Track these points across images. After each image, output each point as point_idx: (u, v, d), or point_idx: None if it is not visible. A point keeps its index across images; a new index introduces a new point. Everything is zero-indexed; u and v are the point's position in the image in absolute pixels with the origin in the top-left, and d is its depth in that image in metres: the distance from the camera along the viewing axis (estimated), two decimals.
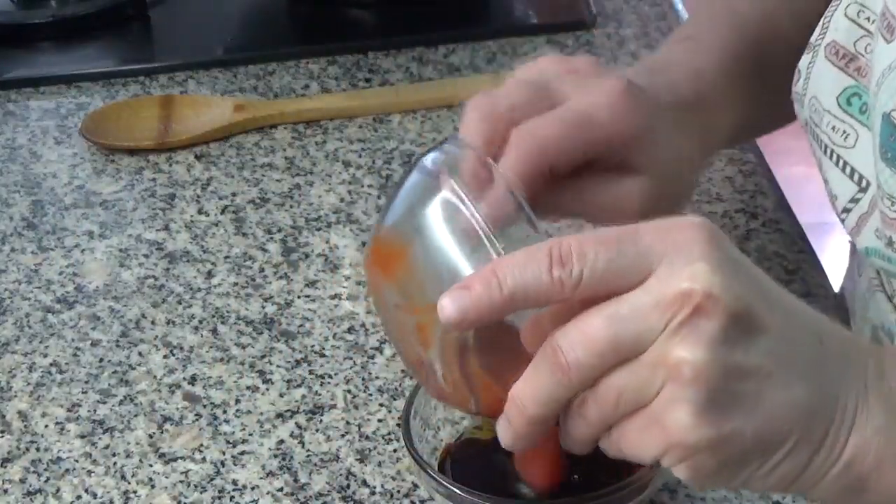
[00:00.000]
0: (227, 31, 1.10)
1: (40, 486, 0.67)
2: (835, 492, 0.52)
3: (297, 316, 0.77)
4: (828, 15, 0.67)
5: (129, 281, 0.81)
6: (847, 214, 0.66)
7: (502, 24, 1.10)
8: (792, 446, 0.50)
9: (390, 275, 0.56)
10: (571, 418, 0.51)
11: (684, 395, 0.48)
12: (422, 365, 0.56)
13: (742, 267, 0.50)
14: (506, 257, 0.50)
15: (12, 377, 0.74)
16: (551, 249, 0.49)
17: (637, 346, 0.48)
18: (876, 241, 0.64)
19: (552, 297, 0.49)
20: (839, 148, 0.65)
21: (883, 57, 0.61)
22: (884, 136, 0.60)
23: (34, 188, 0.91)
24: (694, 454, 0.49)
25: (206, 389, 0.72)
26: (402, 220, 0.56)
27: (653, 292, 0.48)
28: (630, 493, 0.58)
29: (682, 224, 0.50)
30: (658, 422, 0.49)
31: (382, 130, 0.95)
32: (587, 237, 0.49)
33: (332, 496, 0.65)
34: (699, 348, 0.47)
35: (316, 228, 0.85)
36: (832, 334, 0.52)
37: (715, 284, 0.47)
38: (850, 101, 0.65)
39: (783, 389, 0.49)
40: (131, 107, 0.99)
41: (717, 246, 0.49)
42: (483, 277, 0.49)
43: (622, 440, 0.51)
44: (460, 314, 0.50)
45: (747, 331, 0.48)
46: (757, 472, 0.50)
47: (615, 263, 0.48)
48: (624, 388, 0.49)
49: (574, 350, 0.49)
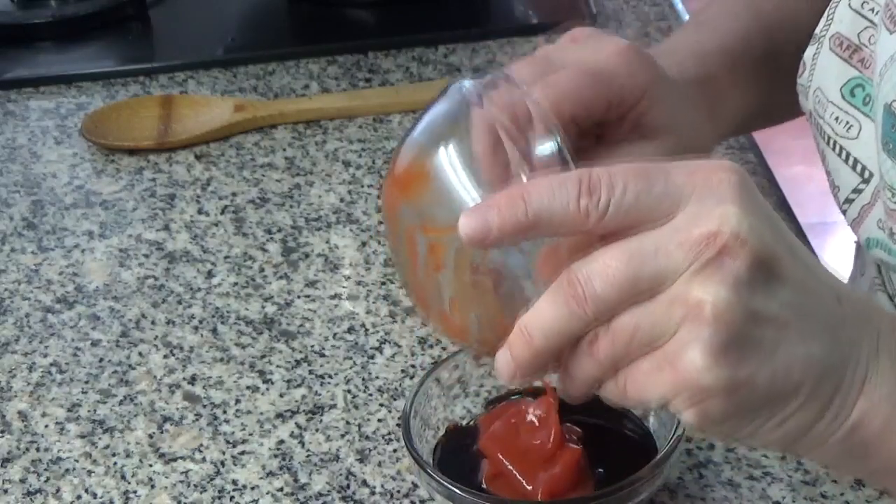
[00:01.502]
0: (227, 31, 1.10)
1: (40, 486, 0.67)
2: (838, 455, 0.52)
3: (297, 316, 0.77)
4: (832, 6, 0.67)
5: (129, 281, 0.81)
6: (849, 205, 0.66)
7: (502, 24, 1.10)
8: (802, 402, 0.49)
9: (409, 193, 0.55)
10: (579, 357, 0.50)
11: (702, 335, 0.47)
12: (428, 291, 0.55)
13: (771, 216, 0.49)
14: (535, 181, 0.49)
15: (12, 377, 0.74)
16: (581, 178, 0.48)
17: (658, 283, 0.48)
18: (878, 231, 0.64)
19: (576, 226, 0.48)
20: (842, 139, 0.65)
21: (886, 48, 0.61)
22: (886, 126, 0.60)
23: (34, 188, 0.91)
24: (705, 398, 0.48)
25: (206, 389, 0.72)
26: (429, 139, 0.56)
27: (680, 230, 0.47)
28: (630, 493, 0.58)
29: (713, 165, 0.49)
30: (671, 362, 0.48)
31: (382, 130, 0.95)
32: (618, 168, 0.48)
33: (332, 496, 0.65)
34: (723, 288, 0.47)
35: (316, 228, 0.85)
36: (849, 297, 0.51)
37: (744, 227, 0.47)
38: (853, 92, 0.65)
39: (799, 342, 0.49)
40: (131, 107, 0.99)
41: (748, 191, 0.48)
42: (510, 197, 0.49)
43: (629, 382, 0.49)
44: (482, 232, 0.49)
45: (771, 278, 0.48)
46: (763, 426, 0.50)
47: (643, 197, 0.48)
48: (639, 325, 0.48)
49: (592, 282, 0.48)
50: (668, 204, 0.48)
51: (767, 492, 0.63)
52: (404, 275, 0.59)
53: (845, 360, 0.50)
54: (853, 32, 0.65)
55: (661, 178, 0.48)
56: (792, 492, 0.63)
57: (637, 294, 0.48)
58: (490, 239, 0.49)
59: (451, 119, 0.55)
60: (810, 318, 0.49)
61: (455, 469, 0.60)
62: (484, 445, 0.61)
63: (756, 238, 0.47)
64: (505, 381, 0.52)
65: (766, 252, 0.47)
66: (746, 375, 0.48)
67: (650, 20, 1.08)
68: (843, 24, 0.66)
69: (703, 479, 0.64)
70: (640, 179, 0.48)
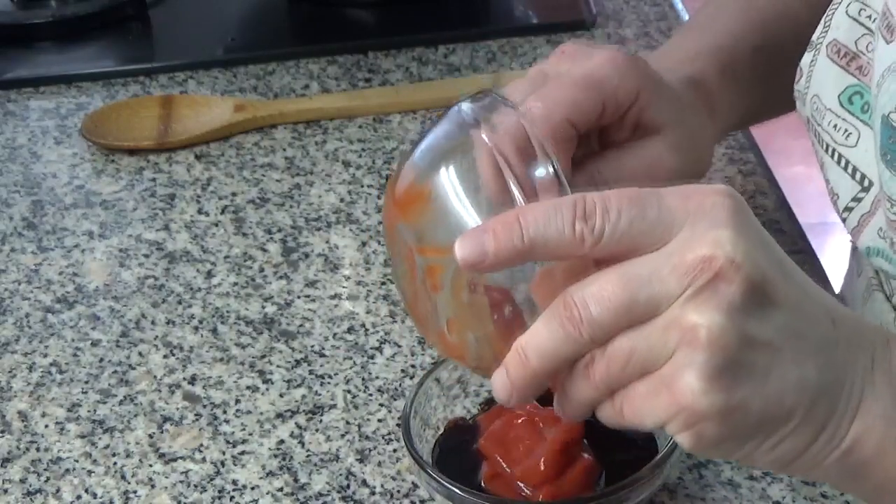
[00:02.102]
0: (227, 31, 1.10)
1: (40, 486, 0.67)
2: (835, 475, 0.52)
3: (297, 316, 0.77)
4: (829, 13, 0.67)
5: (129, 281, 0.81)
6: (849, 213, 0.66)
7: (502, 24, 1.10)
8: (796, 425, 0.49)
9: (408, 214, 0.55)
10: (575, 379, 0.50)
11: (697, 360, 0.47)
12: (426, 311, 0.55)
13: (764, 239, 0.49)
14: (530, 206, 0.50)
15: (12, 377, 0.74)
16: (576, 203, 0.48)
17: (653, 308, 0.48)
18: (879, 240, 0.64)
19: (572, 251, 0.49)
20: (841, 147, 0.65)
21: (884, 58, 0.61)
22: (884, 137, 0.60)
23: (34, 188, 0.91)
24: (700, 421, 0.48)
25: (206, 389, 0.72)
26: (428, 162, 0.56)
27: (674, 255, 0.48)
28: (630, 493, 0.58)
29: (707, 190, 0.49)
30: (667, 386, 0.48)
31: (382, 130, 0.95)
32: (613, 194, 0.49)
33: (332, 496, 0.65)
34: (717, 313, 0.47)
35: (316, 228, 0.85)
36: (844, 318, 0.52)
37: (738, 252, 0.47)
38: (851, 99, 0.65)
39: (793, 366, 0.49)
40: (131, 107, 0.99)
41: (742, 214, 0.49)
42: (505, 222, 0.49)
43: (626, 405, 0.50)
44: (478, 256, 0.49)
45: (765, 302, 0.48)
46: (758, 449, 0.50)
47: (638, 223, 0.48)
48: (635, 349, 0.48)
49: (589, 306, 0.48)
50: (662, 229, 0.48)
51: (767, 492, 0.63)
52: (403, 293, 0.60)
53: (840, 383, 0.50)
54: (850, 40, 0.65)
55: (656, 203, 0.48)
56: (792, 492, 0.63)
57: (633, 318, 0.48)
58: (486, 263, 0.49)
59: (449, 142, 0.55)
60: (804, 342, 0.49)
61: (455, 468, 0.60)
62: (483, 446, 0.61)
63: (750, 262, 0.47)
64: (502, 402, 0.52)
65: (760, 276, 0.48)
66: (740, 399, 0.48)
67: (650, 20, 1.08)
68: (841, 31, 0.66)
69: (703, 479, 0.64)
70: (634, 205, 0.48)
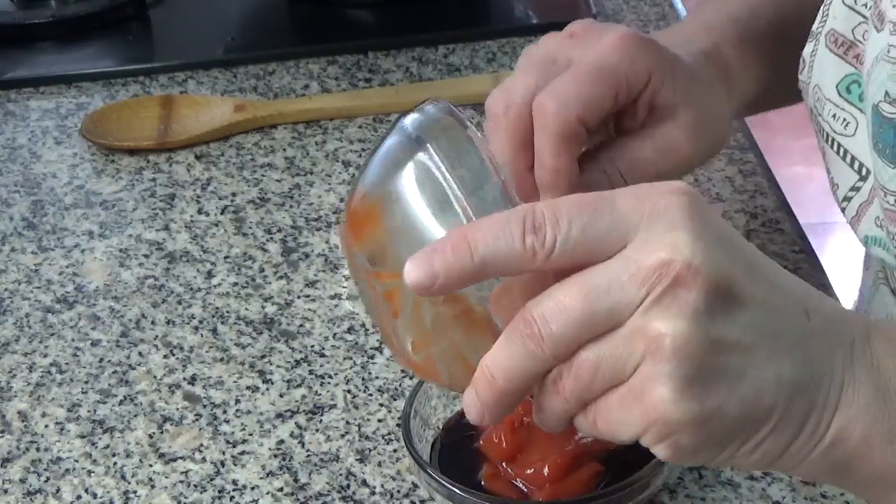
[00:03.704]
0: (227, 31, 1.10)
1: (40, 486, 0.67)
2: (820, 470, 0.50)
3: (297, 316, 0.77)
4: (827, 2, 0.67)
5: (129, 281, 0.81)
6: (847, 203, 0.66)
7: (502, 24, 1.10)
8: (775, 424, 0.48)
9: (361, 240, 0.53)
10: (546, 394, 0.49)
11: (665, 370, 0.45)
12: (392, 334, 0.53)
13: (724, 236, 0.47)
14: (478, 222, 0.48)
15: (12, 377, 0.74)
16: (525, 216, 0.47)
17: (615, 317, 0.46)
18: (876, 229, 0.64)
19: (524, 266, 0.47)
20: (840, 136, 0.65)
21: (875, 46, 0.61)
22: (874, 127, 0.59)
23: (34, 188, 0.91)
24: (675, 432, 0.47)
25: (206, 389, 0.72)
26: (375, 183, 0.54)
27: (630, 262, 0.46)
28: (630, 493, 0.58)
29: (661, 189, 0.47)
30: (638, 398, 0.46)
31: (382, 130, 0.95)
32: (562, 202, 0.47)
33: (332, 496, 0.65)
34: (680, 321, 0.45)
35: (316, 228, 0.85)
36: (820, 308, 0.50)
37: (696, 254, 0.45)
38: (849, 88, 0.65)
39: (767, 364, 0.47)
40: (131, 107, 0.99)
41: (699, 213, 0.47)
42: (454, 242, 0.47)
43: (599, 418, 0.48)
44: (429, 279, 0.47)
45: (730, 302, 0.46)
46: (738, 451, 0.48)
47: (590, 230, 0.46)
48: (601, 361, 0.47)
49: (548, 322, 0.47)
50: (616, 235, 0.47)
51: (767, 492, 0.63)
52: (372, 318, 0.58)
53: (818, 376, 0.48)
54: (847, 28, 0.65)
55: (608, 208, 0.47)
56: (792, 492, 0.63)
57: (595, 330, 0.47)
58: (437, 286, 0.47)
59: (394, 161, 0.53)
60: (776, 338, 0.48)
61: (455, 468, 0.60)
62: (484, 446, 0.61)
63: (710, 264, 0.46)
64: (475, 422, 0.50)
65: (721, 277, 0.46)
66: (715, 406, 0.47)
67: (650, 20, 1.08)
68: (838, 21, 0.66)
69: (703, 479, 0.64)
70: (584, 212, 0.47)
